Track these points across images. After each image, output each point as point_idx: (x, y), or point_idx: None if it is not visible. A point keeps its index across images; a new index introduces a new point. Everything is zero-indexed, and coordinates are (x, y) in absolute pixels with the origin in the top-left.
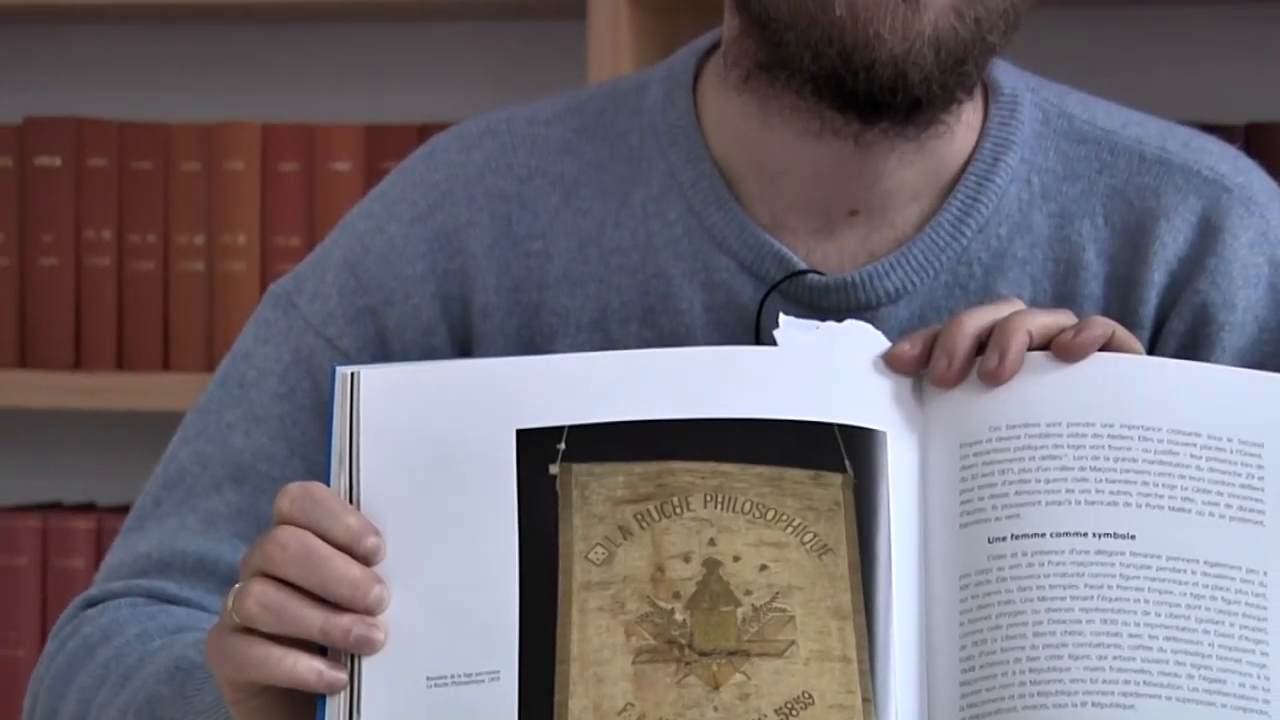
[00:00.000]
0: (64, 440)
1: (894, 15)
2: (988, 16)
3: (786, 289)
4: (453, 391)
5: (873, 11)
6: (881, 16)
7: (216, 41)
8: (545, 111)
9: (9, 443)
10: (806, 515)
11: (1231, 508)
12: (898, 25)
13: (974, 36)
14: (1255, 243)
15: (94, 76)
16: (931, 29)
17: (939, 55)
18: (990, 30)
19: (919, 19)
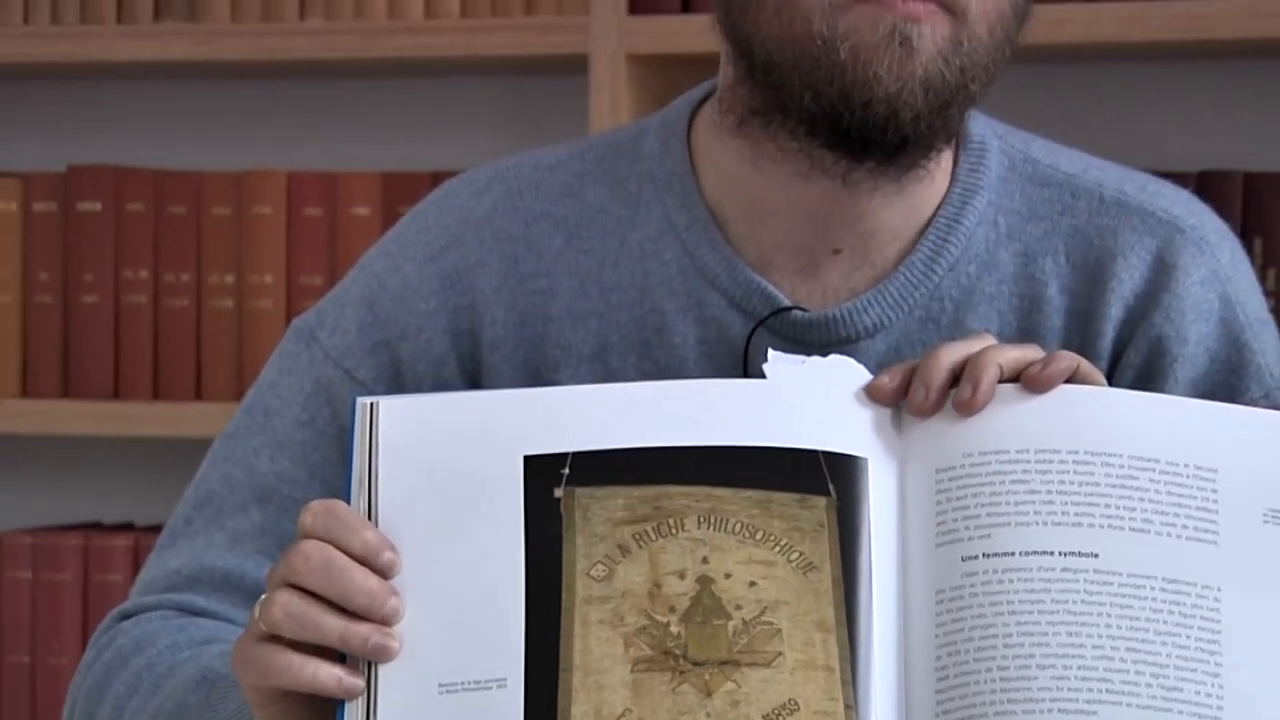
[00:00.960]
0: (104, 464)
1: (891, 57)
2: (971, 66)
3: (773, 324)
4: (465, 420)
5: (872, 54)
6: (880, 58)
7: (244, 96)
8: (549, 158)
9: (53, 467)
10: (793, 535)
11: (1188, 529)
12: (894, 67)
13: (958, 83)
14: (1207, 280)
15: (132, 128)
16: (923, 71)
17: (928, 96)
18: (973, 79)
19: (912, 62)
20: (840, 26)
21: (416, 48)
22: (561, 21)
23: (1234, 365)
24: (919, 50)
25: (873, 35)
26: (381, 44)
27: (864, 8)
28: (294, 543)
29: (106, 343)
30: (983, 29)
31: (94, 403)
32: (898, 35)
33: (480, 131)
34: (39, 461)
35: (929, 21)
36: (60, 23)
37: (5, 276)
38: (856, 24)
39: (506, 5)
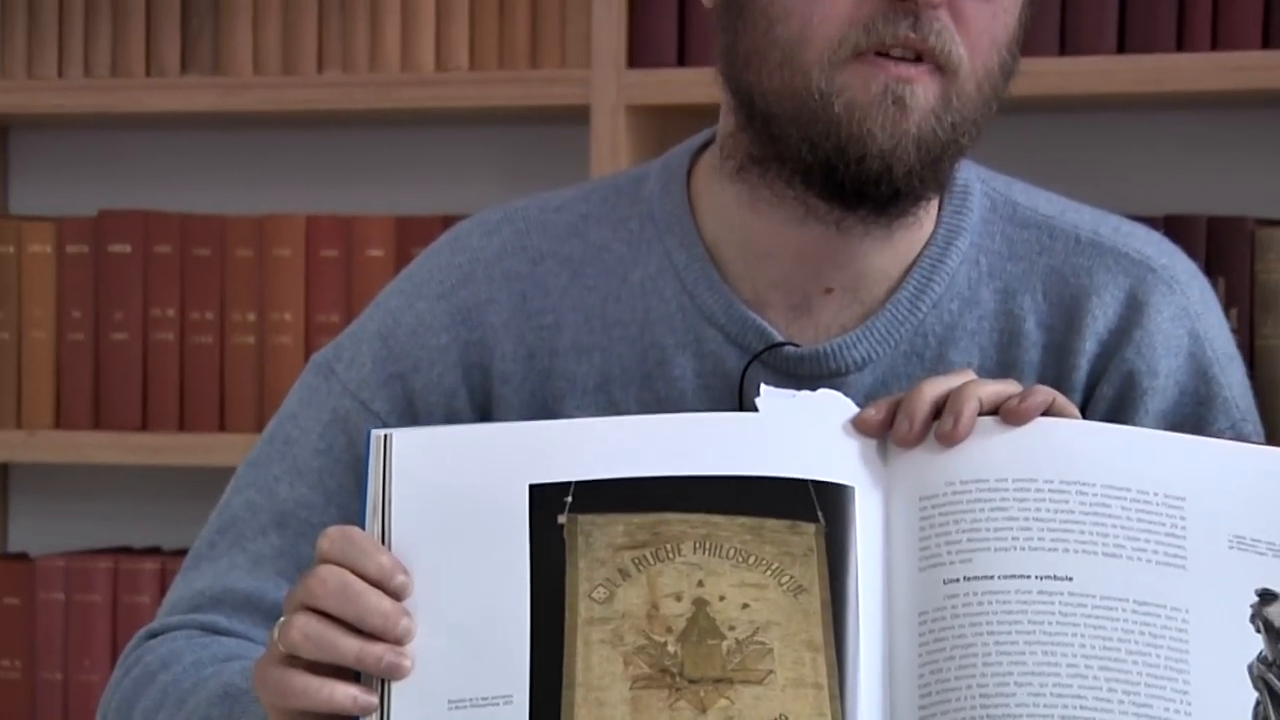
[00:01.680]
0: (132, 492)
1: (885, 115)
2: (961, 122)
3: (767, 358)
4: (474, 451)
5: (866, 111)
6: (874, 116)
7: (265, 144)
8: (555, 200)
9: (85, 494)
10: (784, 560)
11: (1157, 553)
12: (887, 125)
13: (949, 139)
14: (1176, 317)
15: (159, 175)
16: (916, 129)
17: (920, 152)
18: (963, 134)
19: (906, 120)
20: (837, 83)
21: (428, 99)
22: (564, 74)
23: (1202, 398)
24: (912, 109)
25: (867, 94)
26: (394, 95)
27: (860, 67)
28: (312, 567)
29: (135, 377)
30: (972, 87)
31: (123, 434)
32: (891, 94)
33: (488, 177)
34: (71, 489)
35: (921, 81)
36: (92, 75)
37: (40, 315)
38: (852, 82)
39: (513, 58)
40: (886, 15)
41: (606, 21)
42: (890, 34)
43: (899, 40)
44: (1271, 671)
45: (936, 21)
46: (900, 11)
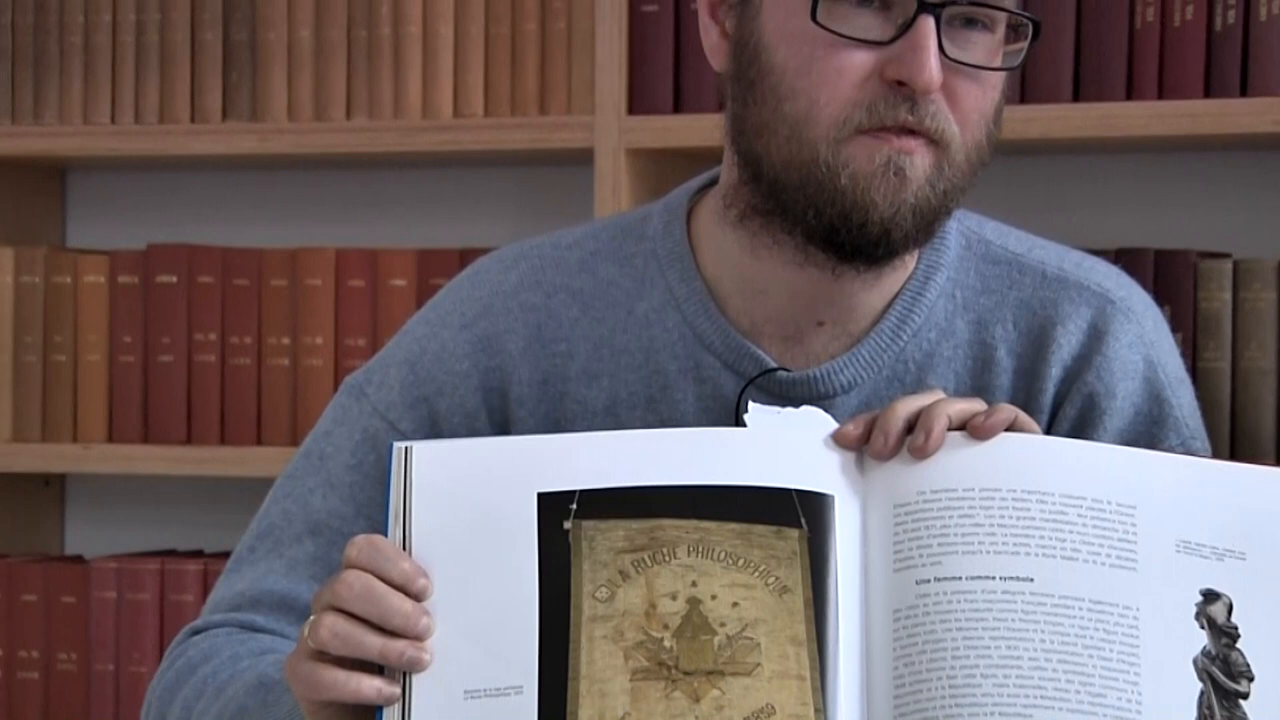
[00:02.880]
0: (178, 500)
1: (886, 185)
2: (952, 189)
3: (761, 382)
4: (486, 462)
5: (869, 182)
6: (877, 186)
7: (298, 184)
8: (566, 238)
9: (134, 502)
10: (770, 562)
11: (1111, 557)
12: (888, 194)
13: (942, 204)
14: (1133, 344)
15: (202, 212)
16: (913, 198)
17: (916, 218)
18: (953, 199)
19: (905, 189)
20: (842, 157)
21: (446, 143)
22: (570, 120)
23: (1155, 418)
24: (910, 179)
25: (870, 165)
26: (416, 140)
27: (863, 140)
28: (339, 572)
29: (180, 395)
30: (961, 156)
31: (169, 447)
32: (892, 166)
33: (501, 214)
34: (122, 497)
35: (919, 153)
36: (141, 122)
37: (94, 339)
38: (856, 154)
39: (523, 106)
40: (887, 99)
41: (608, 72)
42: (890, 116)
43: (898, 122)
44: (1214, 665)
45: (932, 104)
46: (899, 95)
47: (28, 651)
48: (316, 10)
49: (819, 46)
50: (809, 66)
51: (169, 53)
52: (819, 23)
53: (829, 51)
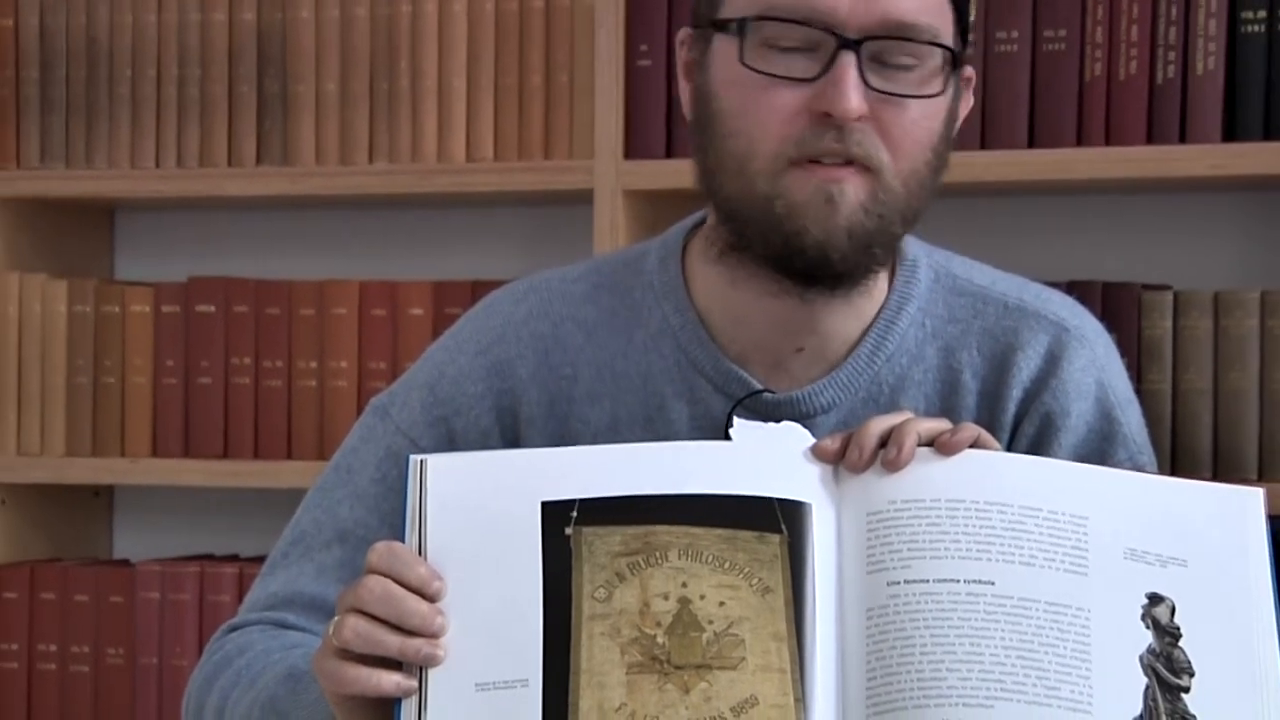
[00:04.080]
0: (216, 509)
1: (818, 212)
2: (888, 213)
3: (748, 403)
4: (495, 473)
5: (803, 210)
6: (809, 214)
7: (325, 222)
8: (572, 273)
9: (176, 511)
10: (753, 565)
11: (1065, 562)
12: (820, 220)
13: (878, 227)
14: (1086, 368)
15: (238, 247)
16: (845, 222)
17: (851, 241)
18: (891, 223)
19: (836, 215)
20: (778, 188)
21: (459, 184)
22: (572, 164)
23: (1106, 434)
24: (841, 205)
25: (803, 194)
26: (432, 181)
27: (797, 172)
28: (361, 577)
29: (218, 414)
30: (898, 183)
31: (208, 461)
32: (822, 194)
33: (509, 250)
34: (166, 507)
35: (850, 181)
36: (183, 166)
37: (139, 363)
38: (791, 186)
39: (529, 151)
40: (815, 130)
41: (607, 120)
42: (818, 146)
43: (827, 150)
44: (1158, 661)
45: (858, 132)
46: (826, 126)
47: (79, 647)
48: (342, 64)
49: (753, 89)
50: (745, 107)
51: (208, 103)
52: (748, 65)
53: (761, 92)
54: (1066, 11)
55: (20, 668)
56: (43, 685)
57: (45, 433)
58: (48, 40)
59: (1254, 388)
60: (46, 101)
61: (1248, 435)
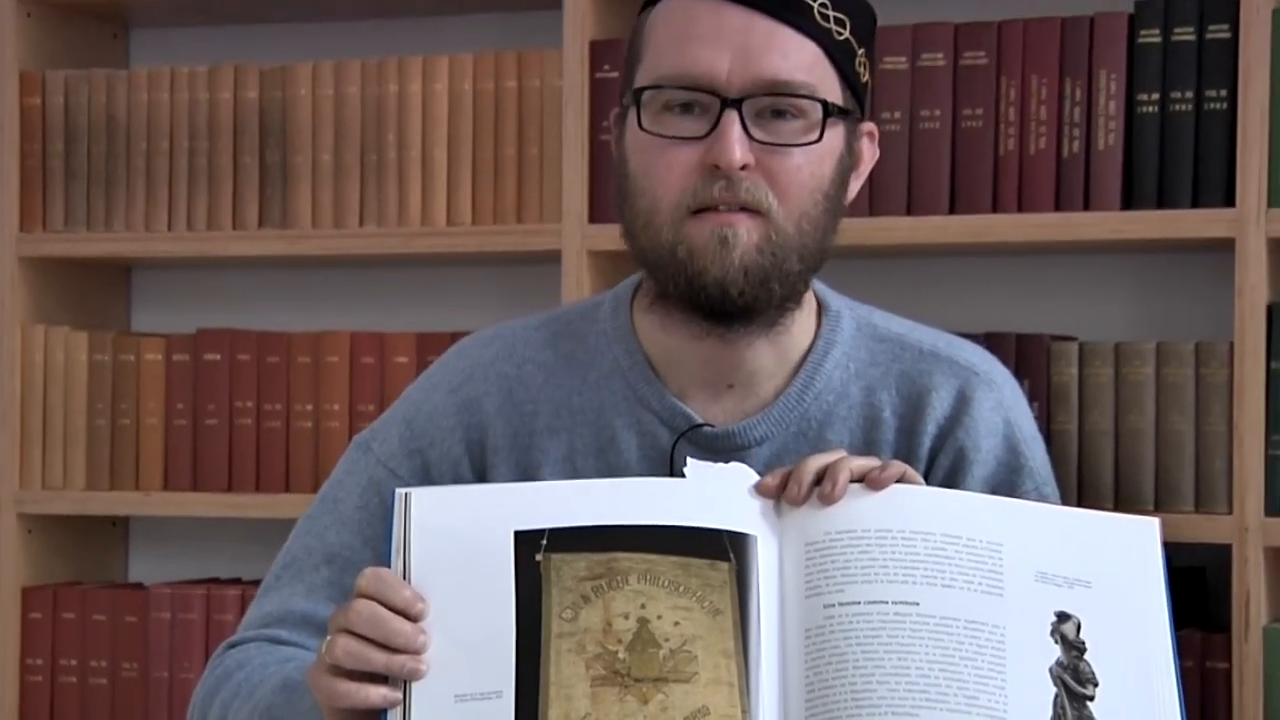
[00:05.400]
0: (221, 537)
1: (714, 253)
2: (782, 252)
3: (690, 436)
4: (472, 506)
5: (701, 253)
6: (707, 255)
7: (321, 279)
8: (534, 321)
9: (185, 539)
10: (705, 589)
11: (982, 585)
12: (717, 260)
13: (773, 264)
14: (994, 408)
15: (242, 302)
16: (739, 261)
17: (747, 278)
18: (785, 260)
19: (731, 255)
20: (680, 235)
21: (441, 245)
22: (542, 228)
23: (1014, 467)
24: (735, 246)
25: (700, 239)
26: (417, 243)
27: (696, 219)
28: (350, 598)
29: (223, 452)
30: (789, 225)
31: (214, 494)
32: (717, 237)
33: (485, 304)
34: (176, 535)
35: (742, 225)
36: (193, 229)
37: (152, 406)
38: (690, 232)
39: (503, 216)
40: (707, 182)
41: (573, 189)
42: (711, 195)
43: (719, 199)
44: (1066, 673)
45: (746, 180)
46: (717, 177)
47: (98, 662)
48: (335, 138)
49: (654, 150)
50: (648, 167)
51: (215, 172)
52: (646, 129)
53: (661, 153)
54: (983, 93)
55: (44, 680)
56: (65, 696)
57: (67, 469)
58: (71, 117)
59: (1150, 429)
60: (70, 171)
61: (1145, 471)
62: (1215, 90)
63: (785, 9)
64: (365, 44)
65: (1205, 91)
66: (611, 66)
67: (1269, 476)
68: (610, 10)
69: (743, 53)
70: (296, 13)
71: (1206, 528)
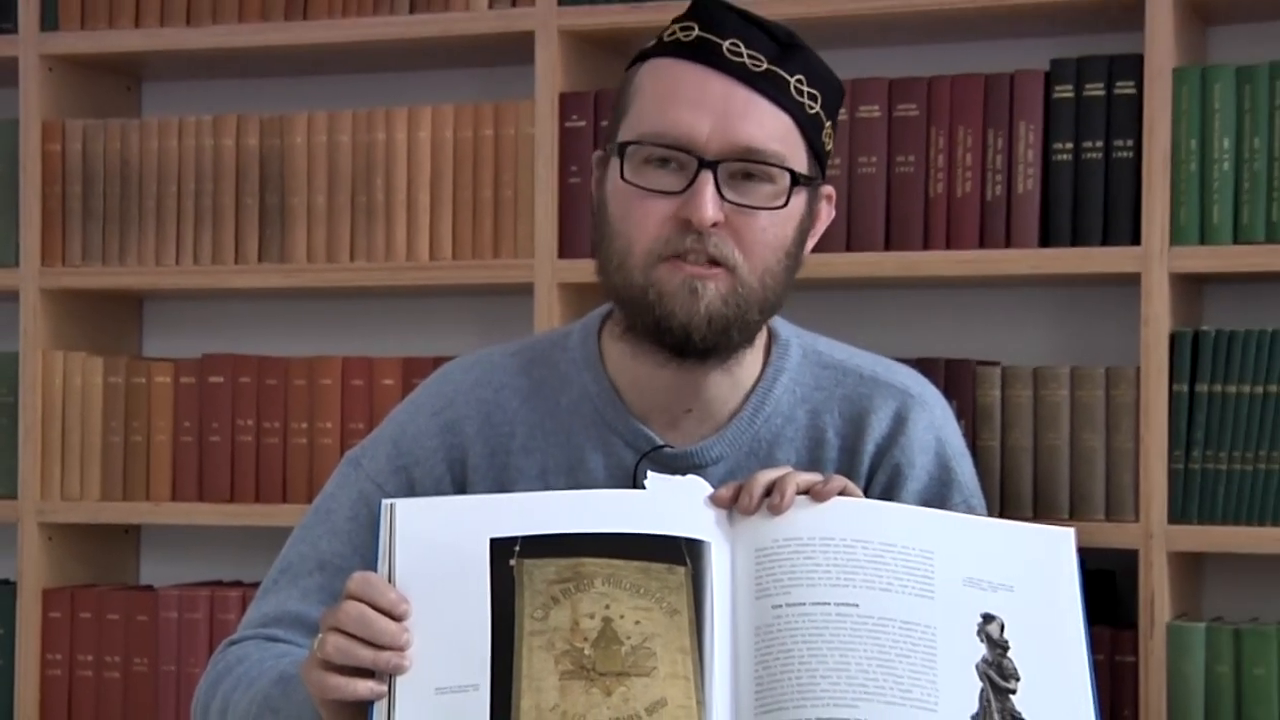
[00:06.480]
0: (224, 543)
1: (682, 300)
2: (745, 304)
3: (653, 456)
4: (452, 516)
5: (671, 299)
6: (676, 302)
7: (315, 310)
8: (510, 348)
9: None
10: (664, 591)
11: (915, 589)
12: (684, 306)
13: (735, 315)
14: (927, 428)
15: (244, 331)
16: (705, 309)
17: (710, 326)
18: (747, 311)
19: (698, 304)
20: (652, 278)
21: (425, 278)
22: (516, 262)
23: (944, 481)
24: (702, 296)
25: (671, 285)
26: (402, 276)
27: (666, 267)
28: (341, 600)
29: (226, 466)
30: (754, 280)
31: (218, 504)
32: (687, 286)
33: (465, 332)
34: (182, 542)
35: (712, 278)
36: (199, 264)
37: (162, 425)
38: (661, 278)
39: (481, 252)
40: (679, 234)
41: (545, 226)
42: (682, 245)
43: (689, 249)
44: (991, 669)
45: (715, 237)
46: (689, 230)
47: (111, 657)
48: (329, 181)
49: (633, 199)
50: (626, 214)
51: (219, 212)
52: (627, 180)
53: (639, 202)
54: (915, 142)
55: (63, 674)
56: (81, 689)
57: (84, 482)
58: (88, 162)
59: (1065, 445)
60: (87, 211)
61: (1061, 483)
62: (1123, 140)
63: (764, 81)
64: (356, 96)
65: (1114, 141)
66: (579, 116)
67: (1171, 488)
68: (578, 66)
69: (722, 118)
70: (294, 68)
71: (1116, 534)
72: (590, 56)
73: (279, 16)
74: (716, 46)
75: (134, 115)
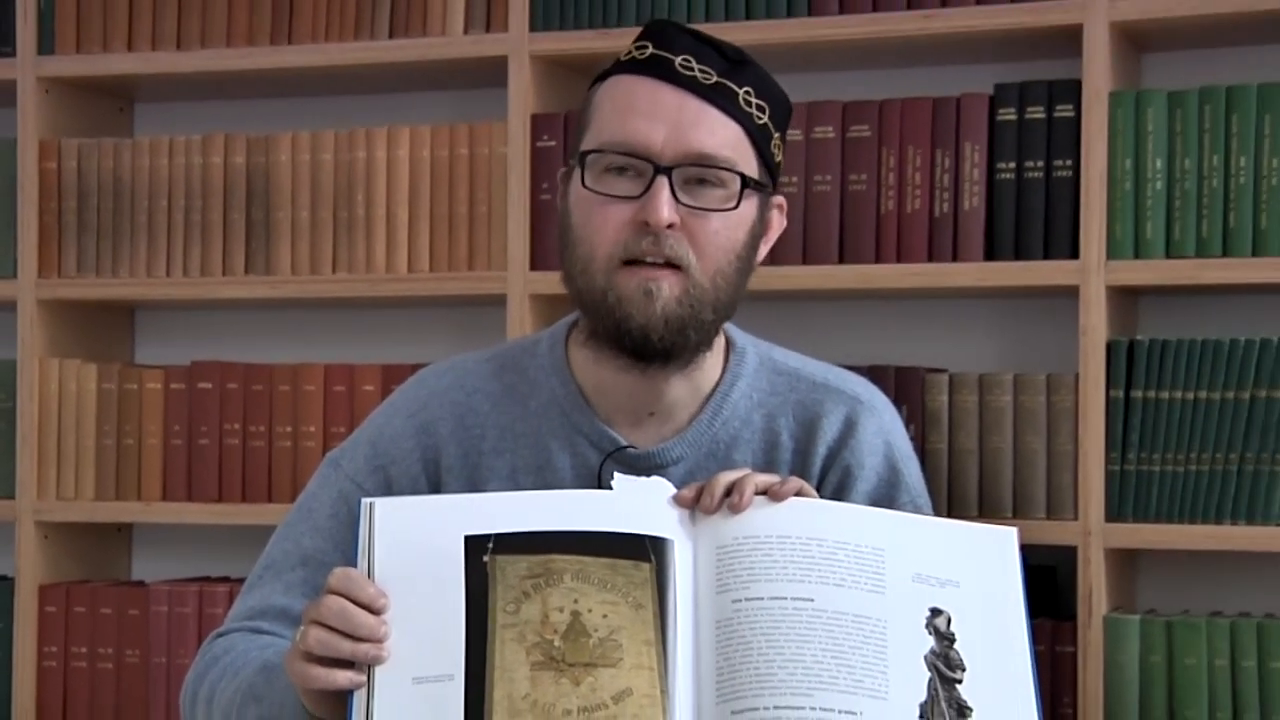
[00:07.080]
0: (212, 541)
1: (639, 303)
2: (698, 304)
3: (617, 457)
4: (428, 514)
5: (628, 302)
6: (633, 305)
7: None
8: (483, 355)
9: (181, 542)
10: (629, 586)
11: (867, 584)
12: (641, 309)
13: (690, 315)
14: (876, 432)
15: (231, 339)
16: (661, 310)
17: (667, 326)
18: (701, 311)
19: (653, 305)
20: (611, 283)
21: (403, 289)
22: (490, 274)
23: (892, 483)
24: (658, 297)
25: (628, 289)
26: (381, 287)
27: (625, 271)
28: (322, 594)
29: (214, 467)
30: (705, 280)
31: (206, 504)
32: (643, 289)
33: (441, 340)
34: (172, 540)
35: (666, 280)
36: (188, 276)
37: (153, 428)
38: (619, 282)
39: (457, 264)
40: (637, 237)
41: (517, 241)
42: (639, 248)
43: (646, 251)
44: (938, 660)
45: (671, 238)
46: (646, 233)
47: (104, 649)
48: (312, 198)
49: (594, 206)
50: (588, 220)
51: (207, 227)
52: (588, 187)
53: (598, 208)
54: (867, 161)
55: (59, 666)
56: (76, 680)
57: (79, 482)
58: (83, 179)
59: (1009, 448)
60: (81, 226)
61: (1004, 484)
62: (1062, 160)
63: (715, 93)
64: (338, 117)
65: (1054, 161)
66: (550, 136)
67: (1108, 488)
68: (549, 89)
69: (675, 128)
70: (279, 90)
71: (1056, 532)
72: (561, 80)
73: (265, 41)
74: (669, 62)
75: (126, 135)
